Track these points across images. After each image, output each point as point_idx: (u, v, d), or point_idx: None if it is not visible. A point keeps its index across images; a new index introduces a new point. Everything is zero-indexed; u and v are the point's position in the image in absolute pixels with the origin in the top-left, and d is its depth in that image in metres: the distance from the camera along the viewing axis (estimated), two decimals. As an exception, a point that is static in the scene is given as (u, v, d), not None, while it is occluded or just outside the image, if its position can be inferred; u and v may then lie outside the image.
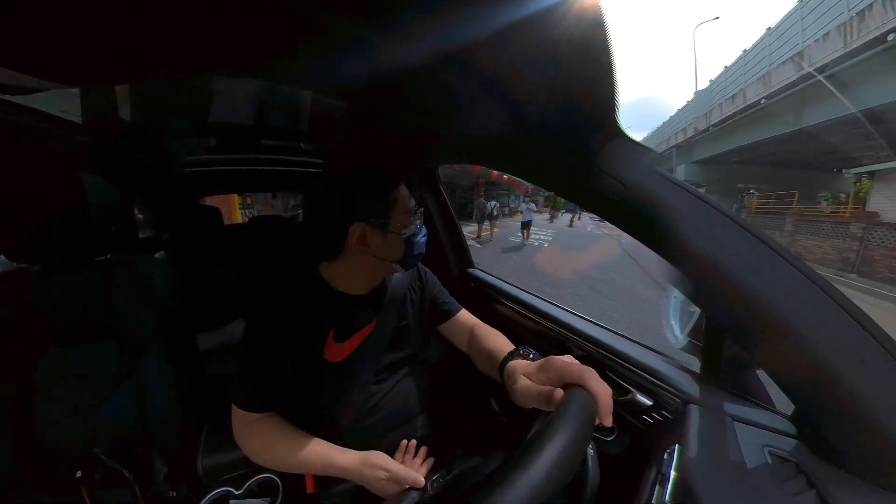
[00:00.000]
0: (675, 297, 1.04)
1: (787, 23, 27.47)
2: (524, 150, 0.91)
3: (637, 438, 0.90)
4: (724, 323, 0.69)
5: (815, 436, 0.64)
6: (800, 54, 14.02)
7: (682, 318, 0.98)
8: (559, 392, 0.65)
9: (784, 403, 0.67)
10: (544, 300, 1.34)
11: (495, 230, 15.39)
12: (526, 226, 13.37)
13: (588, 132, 0.70)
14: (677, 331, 0.97)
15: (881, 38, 10.64)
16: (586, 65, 0.58)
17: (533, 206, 14.20)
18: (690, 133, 25.15)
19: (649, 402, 0.87)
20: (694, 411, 0.73)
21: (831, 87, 12.75)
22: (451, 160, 1.35)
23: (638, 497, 0.66)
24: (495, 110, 0.82)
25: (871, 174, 12.43)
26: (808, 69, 13.22)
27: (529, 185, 24.63)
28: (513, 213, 27.56)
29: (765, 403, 0.75)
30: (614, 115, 0.65)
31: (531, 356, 0.82)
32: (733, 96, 19.33)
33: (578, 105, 0.66)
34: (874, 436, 0.55)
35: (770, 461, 0.62)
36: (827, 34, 12.41)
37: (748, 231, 0.65)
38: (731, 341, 0.80)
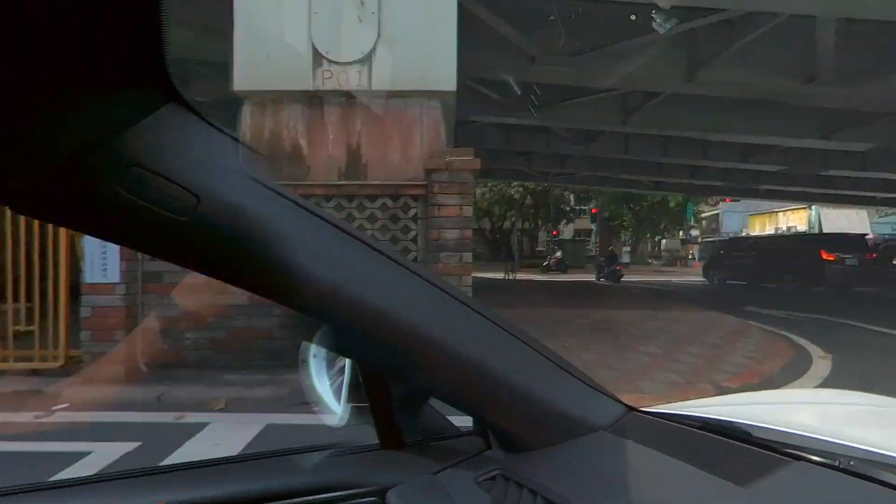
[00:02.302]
0: (315, 356, 0.77)
1: None
2: None
3: None
4: (381, 363, 0.61)
5: (498, 435, 0.65)
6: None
7: (332, 383, 0.75)
8: None
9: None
10: None
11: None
12: None
13: (102, 86, 0.34)
14: (335, 403, 0.73)
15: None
16: None
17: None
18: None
19: None
20: (397, 498, 0.60)
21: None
22: None
23: None
24: None
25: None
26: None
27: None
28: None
29: (451, 431, 0.72)
30: (161, 60, 0.33)
31: None
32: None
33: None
34: (527, 409, 0.60)
35: (486, 493, 0.58)
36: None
37: (370, 246, 0.53)
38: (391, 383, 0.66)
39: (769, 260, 15.56)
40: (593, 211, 26.96)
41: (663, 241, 35.21)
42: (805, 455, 0.54)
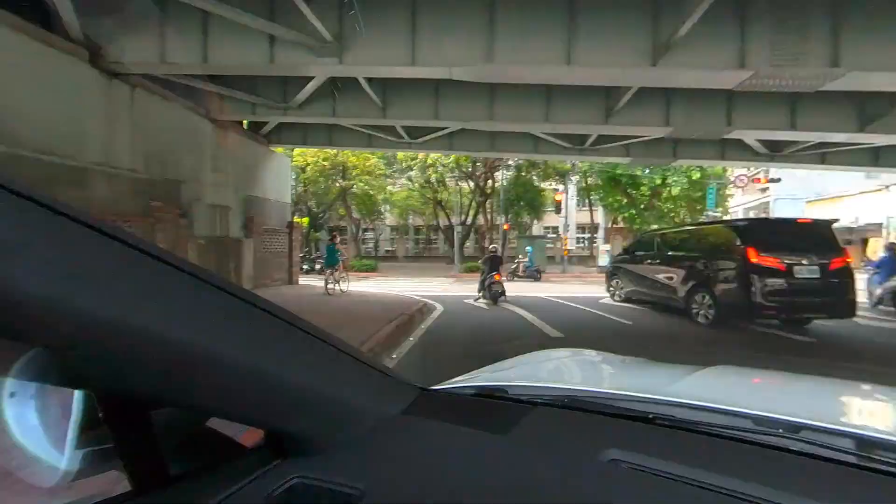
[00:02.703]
0: (13, 396, 0.53)
1: None
2: None
3: None
4: (132, 389, 0.47)
5: (291, 441, 0.61)
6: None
7: (49, 427, 0.54)
8: None
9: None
10: None
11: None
12: None
13: None
14: (55, 454, 0.53)
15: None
16: None
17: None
18: None
19: None
20: None
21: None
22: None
23: None
24: None
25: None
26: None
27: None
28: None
29: (235, 451, 0.64)
30: None
31: None
32: None
33: None
34: (317, 408, 0.58)
35: None
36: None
37: (104, 233, 0.39)
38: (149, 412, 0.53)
39: (680, 267, 8.37)
40: (556, 200, 20.46)
41: (677, 236, 27.50)
42: (540, 401, 0.79)
